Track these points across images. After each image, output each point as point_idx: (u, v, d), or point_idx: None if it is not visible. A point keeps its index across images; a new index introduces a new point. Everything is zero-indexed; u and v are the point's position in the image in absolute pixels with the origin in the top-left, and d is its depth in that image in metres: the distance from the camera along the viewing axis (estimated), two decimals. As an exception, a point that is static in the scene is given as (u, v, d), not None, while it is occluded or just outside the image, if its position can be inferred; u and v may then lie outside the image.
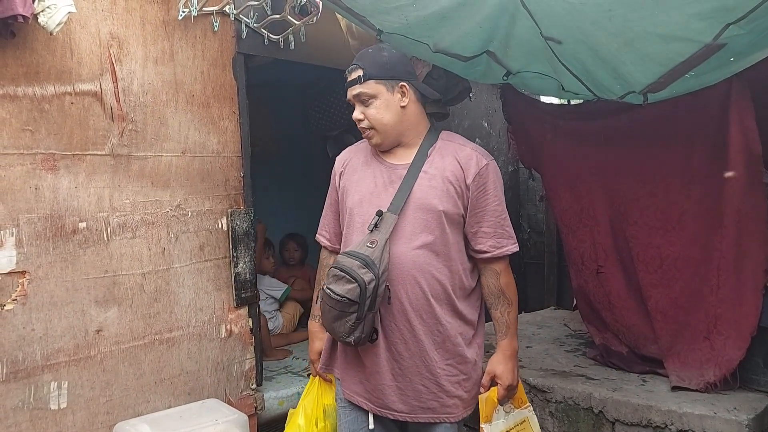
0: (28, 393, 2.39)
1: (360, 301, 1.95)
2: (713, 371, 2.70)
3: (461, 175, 2.12)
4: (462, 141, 2.27)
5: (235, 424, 2.50)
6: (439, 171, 2.13)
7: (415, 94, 2.22)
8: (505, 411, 2.15)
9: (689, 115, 2.75)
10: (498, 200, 2.15)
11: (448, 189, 2.10)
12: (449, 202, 2.10)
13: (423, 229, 2.08)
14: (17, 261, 2.36)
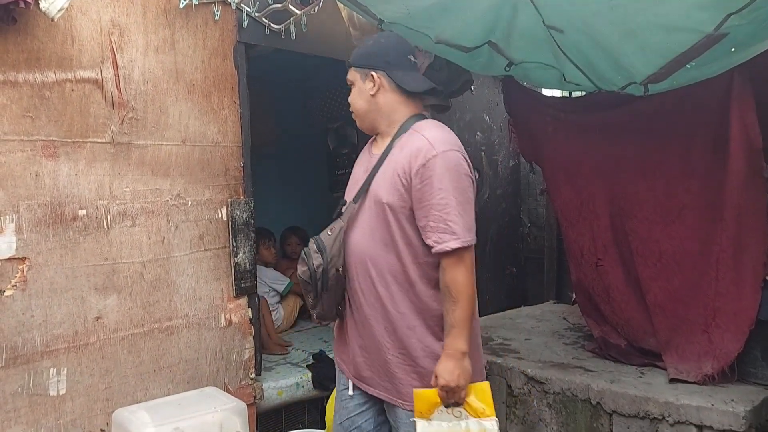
0: (27, 379, 2.40)
1: (312, 281, 2.11)
2: (711, 364, 2.71)
3: (408, 167, 2.05)
4: (428, 132, 2.10)
5: (234, 412, 2.51)
6: (392, 163, 2.11)
7: (389, 84, 2.17)
8: (454, 415, 1.99)
9: (690, 109, 2.75)
10: (444, 193, 2.00)
11: (395, 182, 2.07)
12: (395, 195, 2.07)
13: (374, 220, 2.11)
14: (17, 247, 2.36)
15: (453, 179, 2.01)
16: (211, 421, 2.44)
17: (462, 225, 1.99)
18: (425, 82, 2.25)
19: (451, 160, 2.02)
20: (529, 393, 2.99)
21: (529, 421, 2.99)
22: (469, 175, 2.07)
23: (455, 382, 1.94)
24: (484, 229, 5.07)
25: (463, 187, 2.03)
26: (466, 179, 2.05)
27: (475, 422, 1.97)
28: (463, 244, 1.97)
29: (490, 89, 4.96)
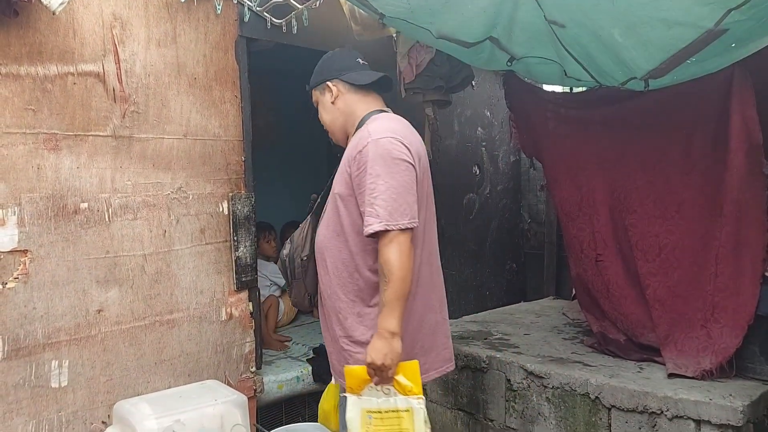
0: (29, 371, 2.41)
1: (283, 269, 2.39)
2: (710, 359, 2.72)
3: (350, 157, 2.14)
4: (372, 124, 2.18)
5: (235, 404, 2.52)
6: (344, 156, 2.21)
7: (344, 86, 2.28)
8: (383, 392, 2.06)
9: (690, 104, 2.75)
10: (373, 178, 2.05)
11: (343, 173, 2.18)
12: (343, 184, 2.16)
13: (330, 212, 2.23)
14: (19, 240, 2.38)
15: (384, 164, 2.05)
16: (212, 414, 2.46)
17: (387, 208, 2.01)
18: (375, 74, 2.31)
19: (382, 145, 2.07)
20: (528, 387, 3.00)
21: (528, 415, 3.01)
22: (405, 159, 2.08)
23: (381, 361, 1.99)
24: (485, 224, 5.08)
25: (395, 171, 2.05)
26: (401, 163, 2.07)
27: (402, 399, 2.03)
28: (386, 227, 1.99)
29: (492, 85, 4.96)
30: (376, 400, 2.05)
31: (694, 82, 2.38)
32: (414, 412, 2.02)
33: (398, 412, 2.03)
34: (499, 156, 5.21)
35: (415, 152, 2.15)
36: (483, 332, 3.63)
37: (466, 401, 3.27)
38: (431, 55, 3.21)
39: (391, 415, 2.04)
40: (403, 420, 2.03)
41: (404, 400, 2.03)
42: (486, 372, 3.17)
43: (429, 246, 2.30)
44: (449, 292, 4.76)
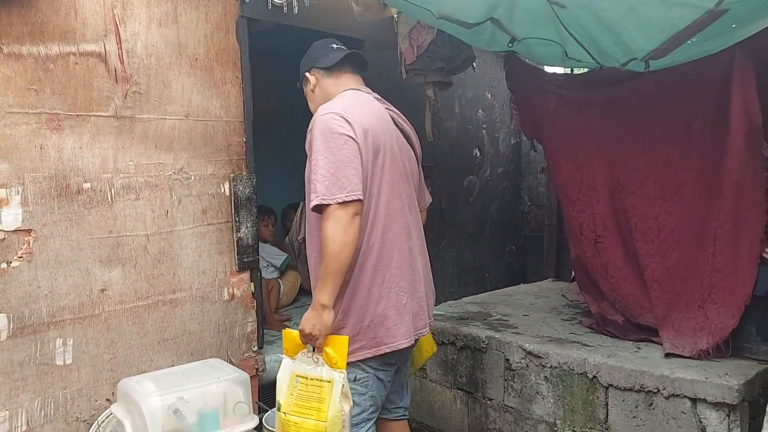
0: (34, 348, 2.44)
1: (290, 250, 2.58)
2: (706, 339, 2.75)
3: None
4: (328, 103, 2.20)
5: (237, 382, 2.55)
6: None
7: (319, 73, 2.35)
8: (314, 360, 2.15)
9: (691, 85, 2.76)
10: (316, 154, 2.08)
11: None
12: (307, 165, 2.18)
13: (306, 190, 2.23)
14: (23, 219, 2.39)
15: (323, 139, 2.07)
16: (215, 391, 2.48)
17: (324, 183, 2.03)
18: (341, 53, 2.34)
19: (323, 121, 2.09)
20: (527, 367, 3.04)
21: (526, 395, 3.04)
22: (344, 133, 2.07)
23: (309, 330, 2.07)
24: (485, 206, 5.10)
25: (333, 146, 2.06)
26: (339, 137, 2.07)
27: (327, 370, 2.11)
28: (322, 201, 2.01)
29: (493, 66, 4.95)
30: (305, 367, 2.15)
31: (694, 63, 2.39)
32: (334, 384, 2.09)
33: (321, 382, 2.11)
34: (499, 138, 5.21)
35: (361, 127, 2.12)
36: (482, 313, 3.67)
37: (465, 380, 3.31)
38: (432, 36, 3.21)
39: (315, 383, 2.12)
40: (323, 390, 2.10)
41: (328, 371, 2.11)
42: (485, 352, 3.21)
43: (397, 227, 2.24)
44: (449, 273, 4.82)
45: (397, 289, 2.21)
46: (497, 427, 3.19)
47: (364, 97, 2.29)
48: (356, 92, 2.30)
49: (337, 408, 2.08)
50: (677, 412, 2.55)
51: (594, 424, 2.81)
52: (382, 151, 2.19)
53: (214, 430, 2.43)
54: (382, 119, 2.26)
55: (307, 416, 2.11)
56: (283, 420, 2.18)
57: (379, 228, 2.19)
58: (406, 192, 2.31)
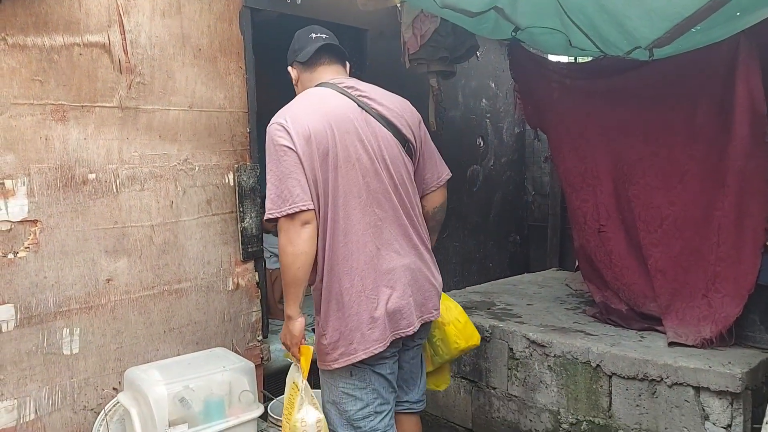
0: (41, 338, 2.46)
1: None
2: (710, 328, 2.76)
3: None
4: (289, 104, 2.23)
5: (242, 371, 2.57)
6: None
7: (299, 67, 2.36)
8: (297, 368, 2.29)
9: (695, 74, 2.75)
10: (267, 168, 2.12)
11: None
12: None
13: None
14: (29, 210, 2.40)
15: (269, 153, 2.12)
16: (220, 380, 2.51)
17: (271, 197, 2.07)
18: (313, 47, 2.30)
19: (269, 134, 2.12)
20: (531, 356, 3.05)
21: (530, 383, 3.06)
22: (283, 144, 2.07)
23: (283, 340, 2.25)
24: (489, 196, 5.10)
25: (276, 158, 2.08)
26: (280, 149, 2.08)
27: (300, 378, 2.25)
28: (269, 215, 2.07)
29: (497, 56, 4.94)
30: (294, 373, 2.30)
31: (698, 51, 2.38)
32: (301, 391, 2.23)
33: (296, 388, 2.25)
34: (503, 128, 5.21)
35: (302, 135, 2.08)
36: (486, 302, 3.68)
37: (469, 369, 3.33)
38: (436, 25, 3.20)
39: (294, 388, 2.28)
40: (293, 395, 2.26)
41: (300, 379, 2.24)
42: (489, 341, 3.23)
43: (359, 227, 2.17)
44: (453, 263, 4.84)
45: (367, 292, 2.16)
46: (501, 416, 3.21)
47: (321, 94, 2.23)
48: (316, 90, 2.26)
49: (298, 416, 2.19)
50: (680, 401, 2.56)
51: (597, 412, 2.82)
52: (331, 152, 2.13)
53: (220, 418, 2.45)
54: (337, 116, 2.16)
55: (286, 419, 2.27)
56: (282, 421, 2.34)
57: (340, 231, 2.15)
58: (373, 186, 2.20)
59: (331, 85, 2.26)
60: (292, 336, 2.18)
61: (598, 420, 2.82)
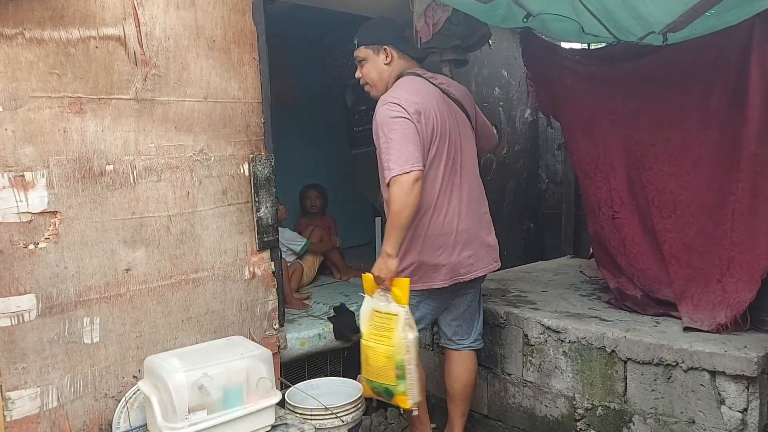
0: (62, 327, 2.50)
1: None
2: (725, 313, 2.75)
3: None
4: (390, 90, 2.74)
5: (260, 359, 2.60)
6: None
7: (397, 53, 2.83)
8: (385, 297, 2.68)
9: (708, 58, 2.73)
10: (383, 138, 2.59)
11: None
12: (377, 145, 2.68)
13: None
14: (48, 201, 2.44)
15: (386, 125, 2.58)
16: (238, 368, 2.54)
17: (393, 160, 2.54)
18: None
19: (382, 112, 2.62)
20: (546, 342, 3.07)
21: (545, 369, 3.08)
22: (400, 116, 2.58)
23: (377, 273, 2.64)
24: (502, 184, 5.10)
25: (394, 128, 2.57)
26: (399, 120, 2.57)
27: (394, 306, 2.65)
28: (394, 173, 2.52)
29: (509, 44, 4.92)
30: (380, 303, 2.69)
31: (712, 36, 2.37)
32: (399, 317, 2.63)
33: (390, 315, 2.65)
34: (516, 116, 5.19)
35: (415, 109, 2.61)
36: (501, 290, 3.69)
37: (485, 356, 3.35)
38: (448, 13, 3.20)
39: (386, 316, 2.66)
40: (392, 321, 2.64)
41: (395, 307, 2.64)
42: (504, 327, 3.24)
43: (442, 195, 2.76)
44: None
45: (436, 243, 2.75)
46: (516, 402, 3.23)
47: (417, 81, 2.77)
48: (411, 78, 2.78)
49: (401, 336, 2.61)
50: (696, 385, 2.56)
51: (613, 397, 2.83)
52: (434, 128, 2.68)
53: (238, 405, 2.49)
54: (434, 98, 2.75)
55: (381, 342, 2.67)
56: (364, 345, 2.75)
57: (431, 194, 2.71)
58: (454, 158, 2.80)
59: (420, 75, 2.82)
60: (388, 270, 2.61)
61: (613, 405, 2.83)
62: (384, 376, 2.69)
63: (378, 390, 2.76)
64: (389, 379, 2.68)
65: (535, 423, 3.15)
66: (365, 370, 2.78)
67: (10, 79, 2.33)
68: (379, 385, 2.74)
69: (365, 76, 2.87)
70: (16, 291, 2.38)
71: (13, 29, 2.33)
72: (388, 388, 2.70)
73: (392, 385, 2.68)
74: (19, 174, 2.37)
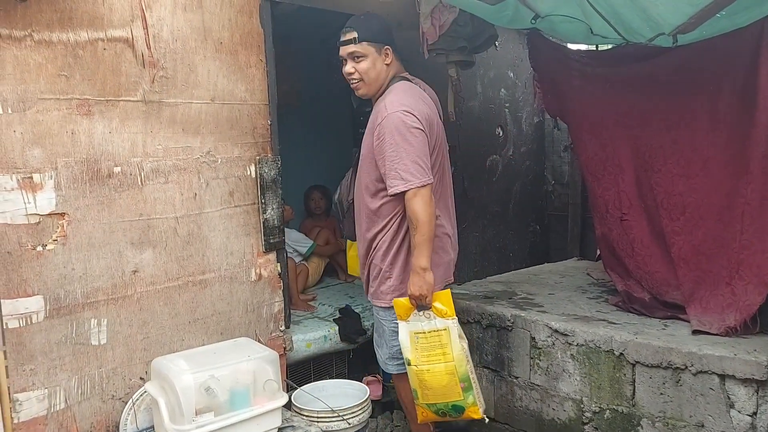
0: (70, 329, 2.50)
1: (336, 209, 3.14)
2: (734, 316, 2.74)
3: (373, 126, 2.67)
4: (389, 96, 2.66)
5: (266, 360, 2.60)
6: (370, 122, 2.75)
7: (394, 55, 2.78)
8: (425, 317, 2.61)
9: (717, 60, 2.72)
10: (393, 147, 2.55)
11: (368, 137, 2.71)
12: (369, 147, 2.69)
13: (362, 167, 2.79)
14: (56, 203, 2.44)
15: (400, 134, 2.55)
16: (245, 369, 2.54)
17: (407, 170, 2.53)
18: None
19: (397, 118, 2.56)
20: (553, 345, 3.05)
21: (552, 372, 3.06)
22: (417, 127, 2.56)
23: (419, 292, 2.56)
24: (508, 186, 5.09)
25: (410, 139, 2.55)
26: (414, 131, 2.56)
27: (440, 321, 2.60)
28: (407, 187, 2.52)
29: (515, 45, 4.91)
30: (420, 324, 2.61)
31: (722, 37, 2.36)
32: (450, 330, 2.59)
33: (438, 331, 2.59)
34: (522, 117, 5.18)
35: (425, 120, 2.60)
36: (507, 292, 3.68)
37: (491, 359, 3.34)
38: (454, 15, 3.19)
39: (433, 334, 2.59)
40: (443, 336, 2.58)
41: (441, 321, 2.59)
42: (511, 330, 3.23)
43: (444, 197, 2.84)
44: (472, 253, 4.84)
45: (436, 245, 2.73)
46: (523, 405, 3.21)
47: (415, 89, 2.75)
48: (409, 85, 2.75)
49: (458, 346, 2.58)
50: (705, 389, 2.55)
51: (621, 401, 2.82)
52: (436, 138, 2.71)
53: (245, 407, 2.49)
54: (431, 106, 2.76)
55: (436, 362, 2.58)
56: (416, 371, 2.63)
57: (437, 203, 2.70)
58: (444, 167, 2.84)
59: (411, 80, 2.82)
60: (428, 285, 2.55)
61: (621, 408, 2.82)
62: (449, 394, 2.61)
63: (444, 410, 2.66)
64: (456, 396, 2.60)
65: (542, 426, 3.14)
66: (423, 396, 2.66)
67: (18, 81, 2.33)
68: (444, 405, 2.65)
69: (362, 72, 2.76)
70: (24, 293, 2.38)
71: (22, 31, 2.33)
72: (456, 404, 2.63)
73: (460, 400, 2.61)
74: (28, 176, 2.37)
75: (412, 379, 2.66)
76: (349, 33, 2.74)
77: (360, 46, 2.73)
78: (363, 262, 2.89)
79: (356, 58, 2.75)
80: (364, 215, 2.79)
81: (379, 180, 2.68)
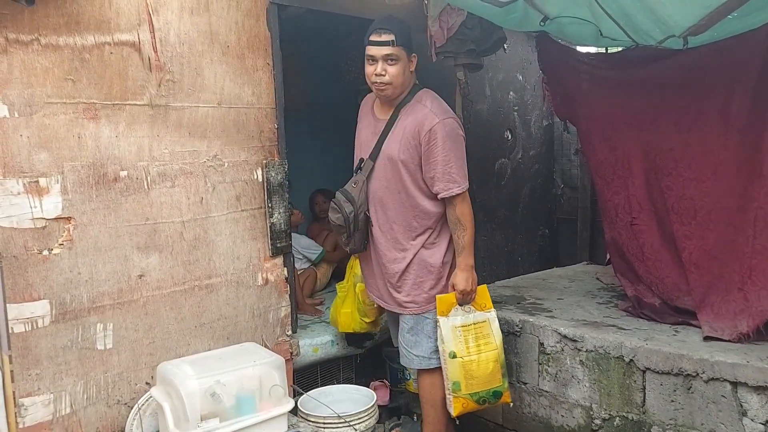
0: (76, 333, 2.50)
1: (346, 225, 2.86)
2: (746, 322, 2.70)
3: (417, 131, 2.70)
4: (428, 101, 2.75)
5: (273, 366, 2.58)
6: (402, 127, 2.76)
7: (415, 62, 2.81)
8: (464, 311, 2.82)
9: (729, 62, 2.69)
10: (446, 152, 2.67)
11: (407, 142, 2.73)
12: (406, 153, 2.73)
13: (389, 173, 2.80)
14: (63, 207, 2.44)
15: (452, 141, 2.70)
16: (251, 375, 2.53)
17: (460, 174, 2.72)
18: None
19: (449, 125, 2.70)
20: (562, 351, 3.02)
21: (561, 378, 3.03)
22: (462, 134, 2.77)
23: (470, 287, 2.79)
24: (517, 190, 5.06)
25: (460, 145, 2.74)
26: (461, 139, 2.76)
27: (480, 314, 2.86)
28: (462, 189, 2.72)
29: (524, 48, 4.88)
30: (460, 318, 2.81)
31: (733, 39, 2.32)
32: (490, 321, 2.86)
33: (478, 323, 2.83)
34: (531, 120, 5.15)
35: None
36: (516, 297, 3.65)
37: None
38: (462, 17, 3.17)
39: (476, 326, 2.82)
40: (484, 327, 2.84)
41: (481, 314, 2.86)
42: (519, 336, 3.20)
43: None
44: (481, 257, 4.80)
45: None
46: (532, 412, 3.18)
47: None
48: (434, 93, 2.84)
49: (500, 335, 2.87)
50: (717, 396, 2.51)
51: (631, 408, 2.78)
52: None
53: (251, 412, 2.48)
54: None
55: (482, 351, 2.80)
56: (463, 362, 2.78)
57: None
58: None
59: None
60: (475, 281, 2.81)
61: (631, 415, 2.78)
62: (492, 381, 2.82)
63: (485, 398, 2.84)
64: (497, 381, 2.83)
65: (551, 432, 3.10)
66: (467, 386, 2.79)
67: (25, 85, 2.34)
68: (486, 393, 2.82)
69: (393, 76, 2.70)
70: (30, 297, 2.38)
71: (29, 35, 2.33)
72: (496, 390, 2.84)
73: (500, 386, 2.85)
74: (34, 180, 2.37)
75: (455, 371, 2.78)
76: (386, 35, 2.67)
77: (397, 50, 2.69)
78: (394, 272, 2.87)
79: (390, 60, 2.70)
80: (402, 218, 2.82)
81: (424, 182, 2.77)
